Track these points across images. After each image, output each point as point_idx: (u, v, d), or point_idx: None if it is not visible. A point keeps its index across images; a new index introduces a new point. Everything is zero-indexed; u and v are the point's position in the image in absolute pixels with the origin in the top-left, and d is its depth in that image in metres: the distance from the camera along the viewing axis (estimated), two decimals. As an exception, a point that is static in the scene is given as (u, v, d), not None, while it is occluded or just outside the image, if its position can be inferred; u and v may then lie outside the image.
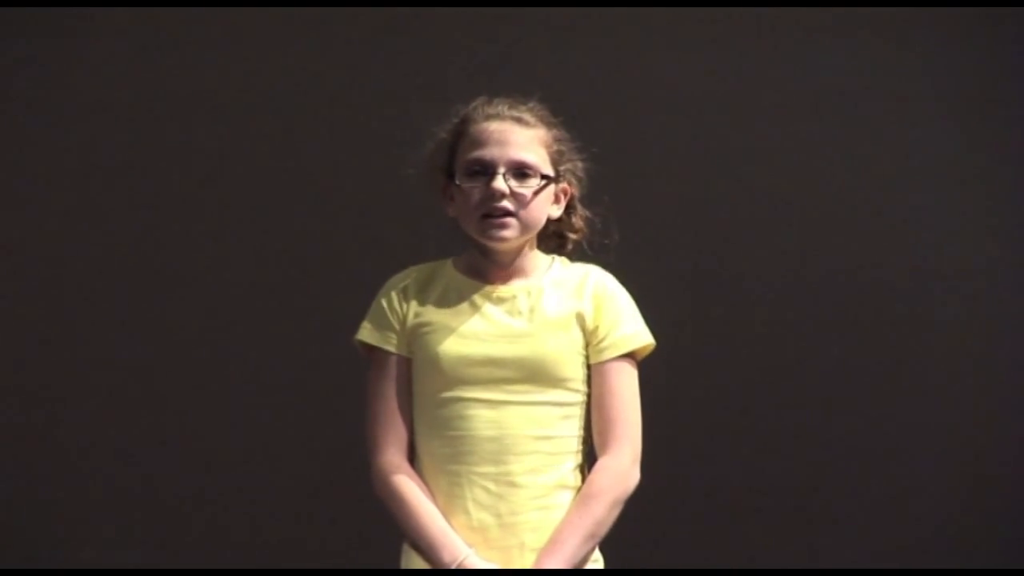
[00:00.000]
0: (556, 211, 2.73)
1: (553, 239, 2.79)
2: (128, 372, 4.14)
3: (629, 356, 2.67)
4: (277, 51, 4.13)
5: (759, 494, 4.13)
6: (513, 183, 2.64)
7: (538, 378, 2.62)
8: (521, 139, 2.66)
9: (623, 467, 2.62)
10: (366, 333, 2.70)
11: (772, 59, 4.16)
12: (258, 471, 4.13)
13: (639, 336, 2.68)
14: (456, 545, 2.56)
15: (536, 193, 2.65)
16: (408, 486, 2.61)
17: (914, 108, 4.18)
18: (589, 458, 2.67)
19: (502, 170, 2.64)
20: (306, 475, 4.12)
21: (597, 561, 2.65)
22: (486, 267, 2.70)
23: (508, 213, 2.64)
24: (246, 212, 4.15)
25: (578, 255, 2.81)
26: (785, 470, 4.13)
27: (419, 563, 2.61)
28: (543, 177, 2.67)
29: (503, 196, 2.63)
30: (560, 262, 2.75)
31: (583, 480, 2.65)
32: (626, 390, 2.65)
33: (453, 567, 2.54)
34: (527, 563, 2.57)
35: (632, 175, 3.95)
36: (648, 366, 2.72)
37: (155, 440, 4.14)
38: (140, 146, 4.15)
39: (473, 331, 2.64)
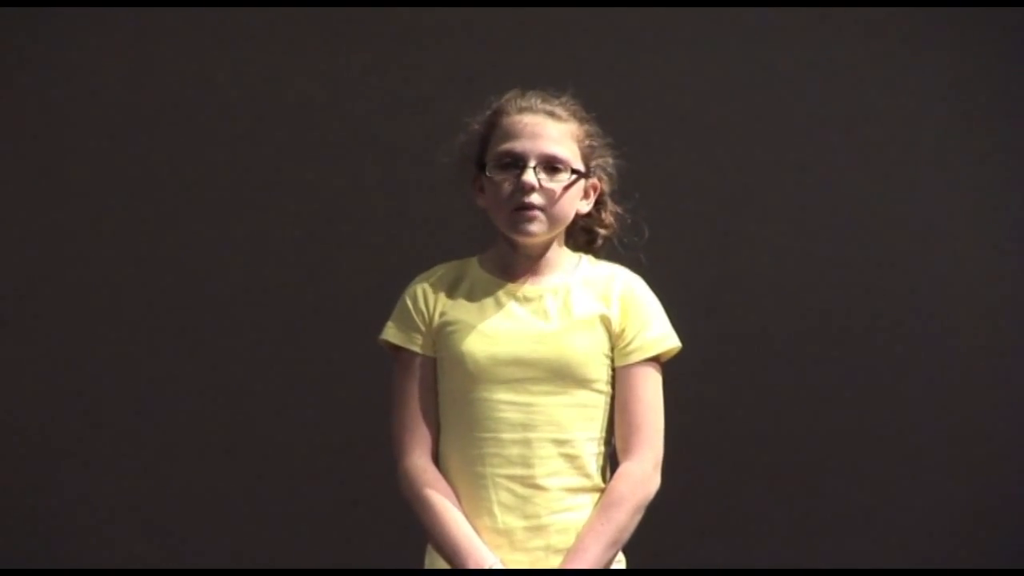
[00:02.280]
0: (585, 206, 2.69)
1: (582, 235, 2.75)
2: (140, 374, 4.14)
3: (654, 360, 2.63)
4: (303, 47, 4.11)
5: (776, 497, 4.15)
6: (543, 177, 2.60)
7: (564, 379, 2.58)
8: (553, 133, 2.61)
9: (644, 473, 2.59)
10: (391, 333, 2.66)
11: (807, 61, 4.15)
12: (275, 471, 4.14)
13: (665, 340, 2.64)
14: (481, 554, 2.53)
15: (566, 188, 2.61)
16: (436, 491, 2.58)
17: (959, 119, 4.18)
18: (611, 458, 2.65)
19: (533, 163, 2.60)
20: (324, 475, 4.12)
21: (620, 562, 2.63)
22: (513, 262, 2.66)
23: (537, 207, 2.59)
24: (266, 210, 4.13)
25: (608, 252, 2.77)
26: (806, 473, 4.16)
27: (443, 565, 2.58)
28: (573, 172, 2.62)
29: (532, 189, 2.59)
30: (587, 260, 2.71)
31: (605, 480, 2.63)
32: (650, 394, 2.62)
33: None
34: (553, 565, 2.55)
35: (662, 173, 3.93)
36: (673, 367, 2.69)
37: (170, 440, 4.14)
38: (162, 143, 4.15)
39: (500, 331, 2.60)
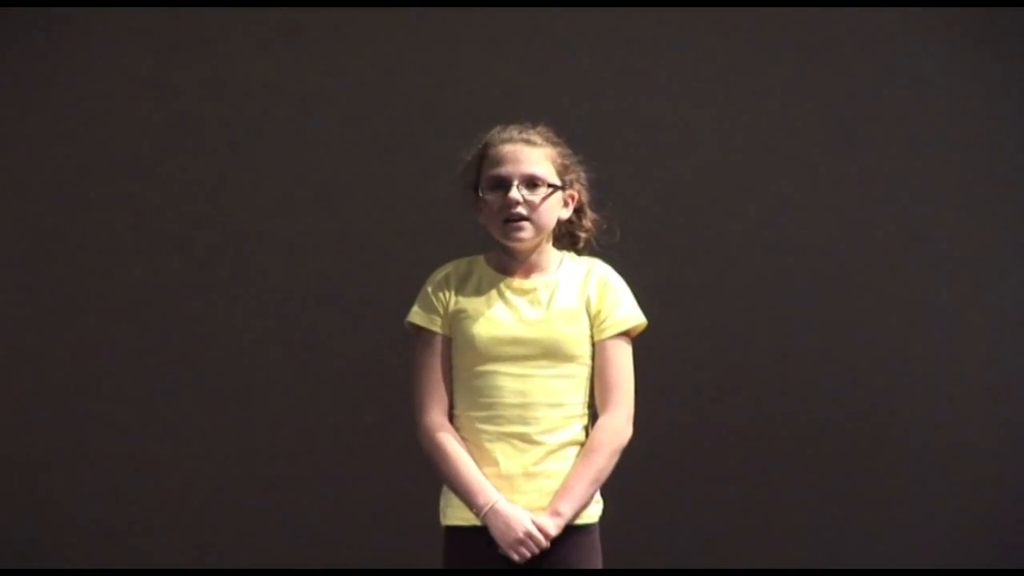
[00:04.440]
0: (565, 213, 3.30)
1: (567, 238, 3.36)
2: (139, 374, 4.42)
3: (624, 334, 3.24)
4: (323, 49, 4.43)
5: (763, 493, 4.48)
6: (525, 192, 3.21)
7: (554, 355, 3.19)
8: (531, 156, 3.23)
9: (619, 424, 3.20)
10: (416, 316, 3.28)
11: (772, 61, 4.43)
12: (274, 471, 4.47)
13: (633, 317, 3.25)
14: (488, 491, 3.15)
15: (544, 199, 3.22)
16: (449, 440, 3.19)
17: (933, 111, 4.38)
18: (593, 419, 3.23)
19: (516, 182, 3.21)
20: (323, 475, 4.50)
21: (598, 503, 3.22)
22: (509, 263, 3.27)
23: (523, 217, 3.21)
24: (280, 211, 4.47)
25: (589, 251, 3.36)
26: (791, 470, 4.47)
27: (456, 504, 3.20)
28: (550, 186, 3.24)
29: (517, 204, 3.21)
30: (569, 258, 3.31)
31: (587, 437, 3.22)
32: (622, 362, 3.23)
33: (486, 509, 3.13)
34: (545, 504, 3.15)
35: (631, 183, 4.41)
36: (642, 344, 3.27)
37: (171, 439, 4.43)
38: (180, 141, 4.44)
39: (502, 317, 3.21)
